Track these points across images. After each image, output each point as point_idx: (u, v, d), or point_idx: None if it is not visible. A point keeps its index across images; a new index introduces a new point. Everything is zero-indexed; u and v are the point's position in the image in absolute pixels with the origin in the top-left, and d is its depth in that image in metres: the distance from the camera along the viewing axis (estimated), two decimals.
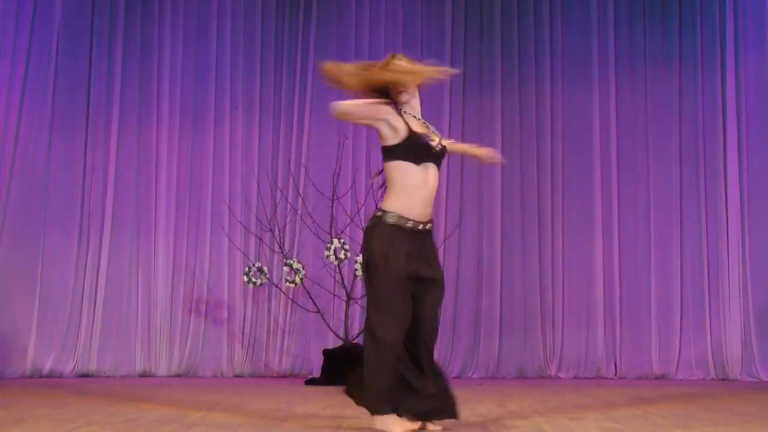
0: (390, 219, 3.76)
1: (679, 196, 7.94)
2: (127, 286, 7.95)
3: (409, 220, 3.77)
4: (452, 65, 7.69)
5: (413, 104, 3.90)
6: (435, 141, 3.84)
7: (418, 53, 7.98)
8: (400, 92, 3.89)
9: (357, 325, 7.47)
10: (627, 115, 8.09)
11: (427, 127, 3.92)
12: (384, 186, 3.84)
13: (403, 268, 3.69)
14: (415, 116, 3.89)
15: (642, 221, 7.97)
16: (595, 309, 7.90)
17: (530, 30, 8.22)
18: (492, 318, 7.91)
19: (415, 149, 3.78)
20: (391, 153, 3.81)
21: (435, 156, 3.83)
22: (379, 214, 3.77)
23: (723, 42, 7.96)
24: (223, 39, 8.26)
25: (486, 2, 8.25)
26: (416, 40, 8.20)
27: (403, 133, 3.78)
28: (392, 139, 3.81)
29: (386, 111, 3.83)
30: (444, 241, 7.67)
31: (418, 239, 3.78)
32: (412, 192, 3.78)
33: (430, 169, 3.83)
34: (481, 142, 7.72)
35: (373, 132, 7.21)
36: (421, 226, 3.79)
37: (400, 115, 3.83)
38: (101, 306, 7.85)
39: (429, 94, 7.58)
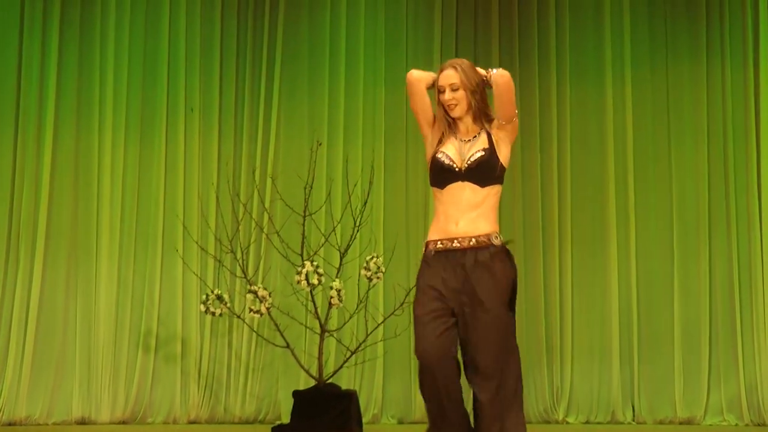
0: None
1: (706, 209, 8.00)
2: (63, 317, 7.94)
3: None
4: (442, 54, 8.03)
5: (465, 124, 4.21)
6: (457, 160, 4.13)
7: (402, 54, 8.20)
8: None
9: (332, 362, 7.52)
10: (645, 115, 8.17)
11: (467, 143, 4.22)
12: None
13: None
14: (460, 138, 4.21)
15: (663, 238, 8.04)
16: (610, 341, 7.94)
17: (532, 18, 8.29)
18: None
19: (434, 171, 4.18)
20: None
21: (460, 175, 4.13)
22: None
23: (756, 31, 8.05)
24: (177, 30, 8.32)
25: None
26: (400, 38, 8.27)
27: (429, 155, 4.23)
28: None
29: (430, 118, 4.26)
30: None
31: None
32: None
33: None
34: None
35: (351, 138, 7.24)
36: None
37: (444, 133, 4.21)
38: (32, 340, 7.84)
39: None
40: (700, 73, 8.15)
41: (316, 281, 7.03)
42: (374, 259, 7.03)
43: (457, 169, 4.11)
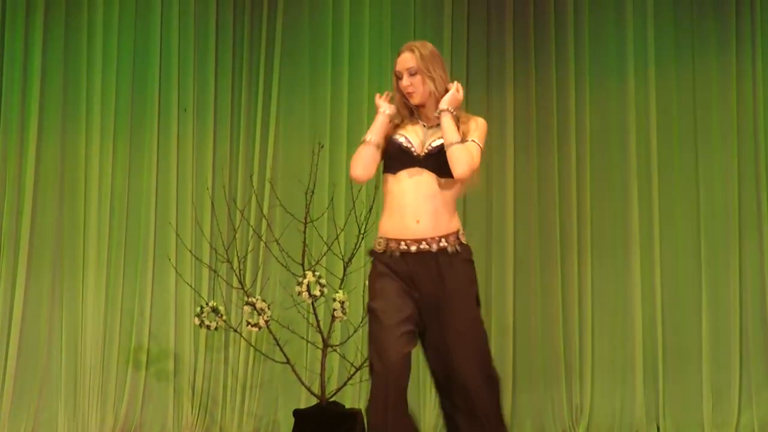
0: None
1: (736, 214, 7.80)
2: (48, 331, 7.83)
3: None
4: (453, 63, 7.89)
5: (428, 109, 4.24)
6: (417, 144, 4.11)
7: (411, 35, 7.99)
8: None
9: (335, 380, 7.39)
10: (670, 114, 7.97)
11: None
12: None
13: None
14: (423, 123, 4.21)
15: (690, 246, 7.85)
16: (633, 357, 7.75)
17: (548, 10, 8.13)
18: (503, 369, 7.55)
19: (388, 154, 4.15)
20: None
21: (418, 160, 4.09)
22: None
23: None
24: (169, 24, 8.17)
25: None
26: (408, 32, 8.09)
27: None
28: None
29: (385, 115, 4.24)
30: None
31: None
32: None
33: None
34: (489, 150, 7.69)
35: (355, 139, 7.20)
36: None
37: (404, 120, 4.24)
38: (14, 356, 7.75)
39: None
40: (729, 66, 7.92)
41: (318, 292, 6.92)
42: None
43: (415, 154, 4.07)
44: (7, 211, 7.90)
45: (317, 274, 6.93)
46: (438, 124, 4.16)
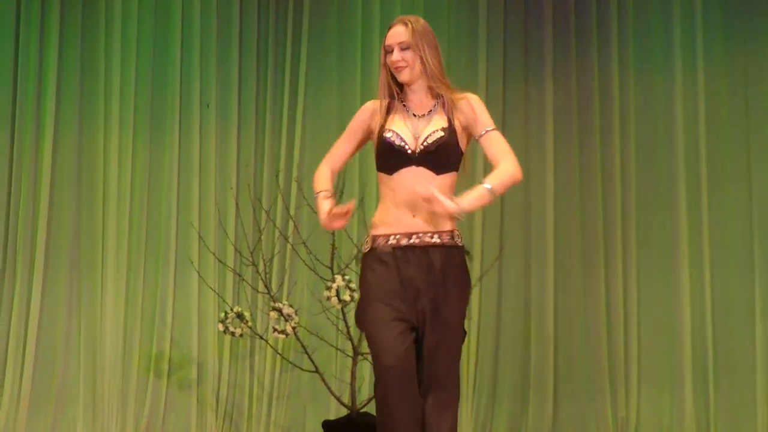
0: None
1: None
2: (65, 338, 7.79)
3: None
4: (488, 52, 7.84)
5: (417, 94, 4.07)
6: (410, 141, 3.94)
7: (444, 37, 7.88)
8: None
9: (366, 388, 7.30)
10: (720, 106, 7.77)
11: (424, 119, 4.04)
12: None
13: None
14: (412, 112, 4.04)
15: (742, 247, 7.64)
16: (681, 365, 7.58)
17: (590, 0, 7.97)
18: (543, 378, 7.65)
19: (381, 154, 3.99)
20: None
21: (413, 159, 3.94)
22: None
23: None
24: (191, 15, 8.10)
25: None
26: (441, 21, 7.96)
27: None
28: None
29: (365, 116, 4.12)
30: (480, 279, 7.46)
31: None
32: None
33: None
34: (528, 144, 7.74)
35: None
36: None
37: (390, 106, 4.07)
38: (31, 363, 7.71)
39: (458, 78, 7.23)
40: None
41: (348, 297, 6.87)
42: None
43: (409, 152, 3.92)
44: (22, 212, 7.87)
45: (347, 278, 6.89)
46: (430, 111, 4.03)
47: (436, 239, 3.90)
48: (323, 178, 4.17)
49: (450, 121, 3.99)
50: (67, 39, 8.01)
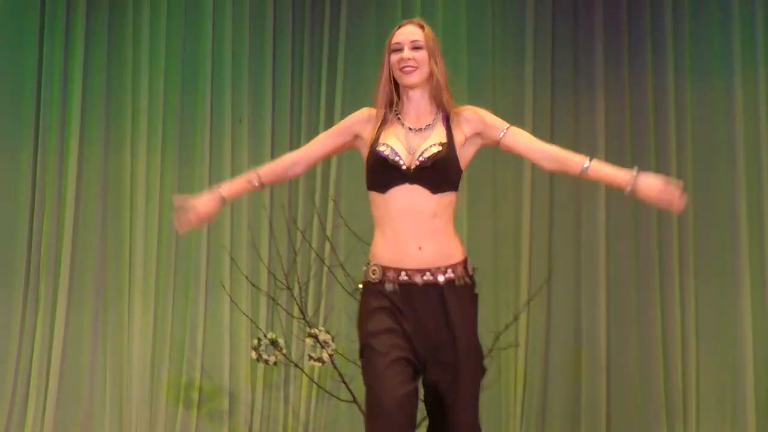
0: None
1: None
2: (90, 365, 7.70)
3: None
4: (535, 64, 7.71)
5: (416, 105, 3.89)
6: (404, 156, 3.74)
7: (488, 47, 7.85)
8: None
9: None
10: None
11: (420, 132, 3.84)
12: None
13: None
14: (408, 125, 3.84)
15: None
16: (744, 394, 7.40)
17: (643, 7, 7.81)
18: (595, 410, 7.49)
19: (373, 169, 3.80)
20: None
21: (408, 176, 3.73)
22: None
23: None
24: (222, 28, 8.00)
25: None
26: (486, 29, 7.86)
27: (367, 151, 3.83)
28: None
29: (356, 120, 3.94)
30: (527, 303, 7.36)
31: None
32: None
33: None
34: (578, 152, 7.53)
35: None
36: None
37: (385, 118, 3.87)
38: (54, 392, 7.61)
39: (503, 91, 7.38)
40: None
41: None
42: None
43: (404, 168, 3.72)
44: (46, 232, 7.77)
45: None
46: (428, 125, 3.83)
47: (450, 273, 3.74)
48: (265, 168, 4.12)
49: (450, 136, 3.80)
50: (93, 50, 7.93)
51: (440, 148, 3.75)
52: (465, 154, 3.84)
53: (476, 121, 3.87)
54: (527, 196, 7.58)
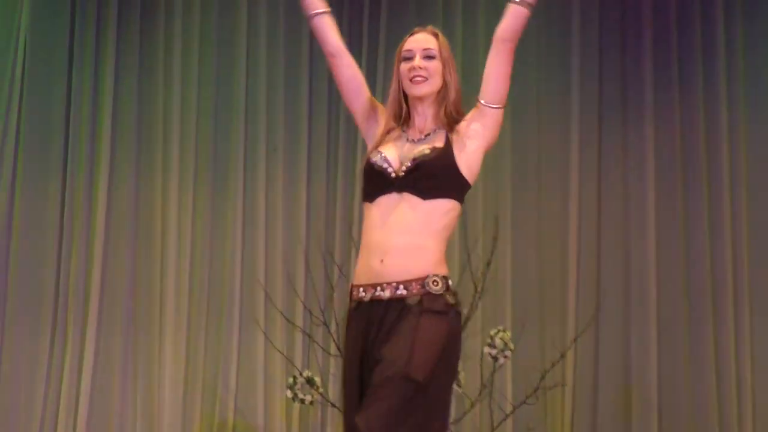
0: None
1: None
2: (120, 404, 7.61)
3: None
4: (582, 91, 7.65)
5: (422, 119, 3.66)
6: (395, 163, 3.54)
7: (532, 73, 7.75)
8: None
9: None
10: None
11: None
12: None
13: None
14: (410, 137, 3.63)
15: None
16: None
17: (695, 35, 7.75)
18: None
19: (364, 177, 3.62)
20: None
21: (395, 183, 3.52)
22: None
23: None
24: (256, 52, 7.94)
25: None
26: (530, 47, 7.70)
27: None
28: None
29: (382, 110, 3.73)
30: (575, 340, 7.23)
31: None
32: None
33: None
34: (626, 195, 7.53)
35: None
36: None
37: (389, 128, 3.67)
38: (83, 431, 7.52)
39: (548, 120, 7.35)
40: None
41: None
42: (500, 334, 6.69)
43: (392, 175, 3.53)
44: (74, 266, 7.68)
45: None
46: (426, 136, 3.60)
47: (401, 291, 3.43)
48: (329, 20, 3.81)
49: (447, 141, 3.58)
50: (123, 78, 7.89)
51: (429, 152, 3.55)
52: (469, 158, 3.60)
53: (470, 118, 3.66)
54: (573, 228, 7.53)
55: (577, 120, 7.64)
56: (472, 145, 3.59)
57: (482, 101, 3.58)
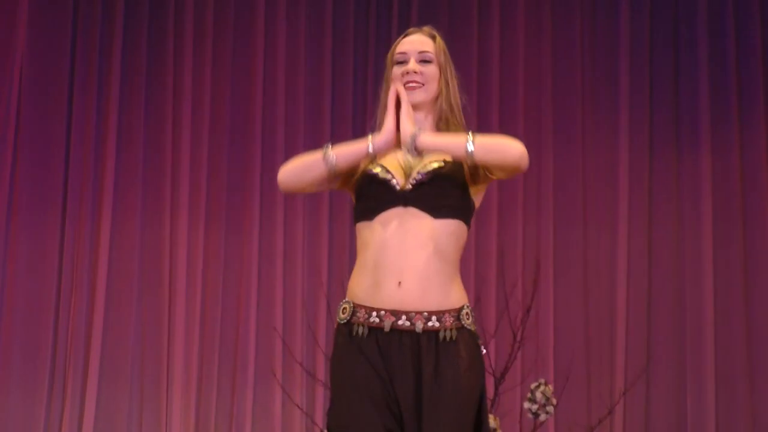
0: None
1: None
2: None
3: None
4: (631, 114, 7.47)
5: (419, 125, 3.37)
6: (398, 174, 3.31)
7: (577, 98, 7.63)
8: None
9: None
10: None
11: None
12: None
13: None
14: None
15: None
16: None
17: (755, 59, 7.51)
18: None
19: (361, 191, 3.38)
20: None
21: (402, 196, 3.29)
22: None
23: None
24: (274, 77, 7.73)
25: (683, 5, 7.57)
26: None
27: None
28: None
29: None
30: (623, 394, 7.02)
31: None
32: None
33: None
34: (680, 232, 7.27)
35: (507, 218, 8.15)
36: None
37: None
38: None
39: (593, 145, 7.47)
40: None
41: None
42: (542, 388, 6.43)
43: (397, 187, 3.29)
44: (75, 312, 7.47)
45: None
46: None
47: (432, 322, 3.19)
48: None
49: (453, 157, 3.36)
50: (128, 107, 7.69)
51: (442, 164, 3.32)
52: (474, 178, 3.35)
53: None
54: (622, 275, 7.38)
55: (626, 149, 7.50)
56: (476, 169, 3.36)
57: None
